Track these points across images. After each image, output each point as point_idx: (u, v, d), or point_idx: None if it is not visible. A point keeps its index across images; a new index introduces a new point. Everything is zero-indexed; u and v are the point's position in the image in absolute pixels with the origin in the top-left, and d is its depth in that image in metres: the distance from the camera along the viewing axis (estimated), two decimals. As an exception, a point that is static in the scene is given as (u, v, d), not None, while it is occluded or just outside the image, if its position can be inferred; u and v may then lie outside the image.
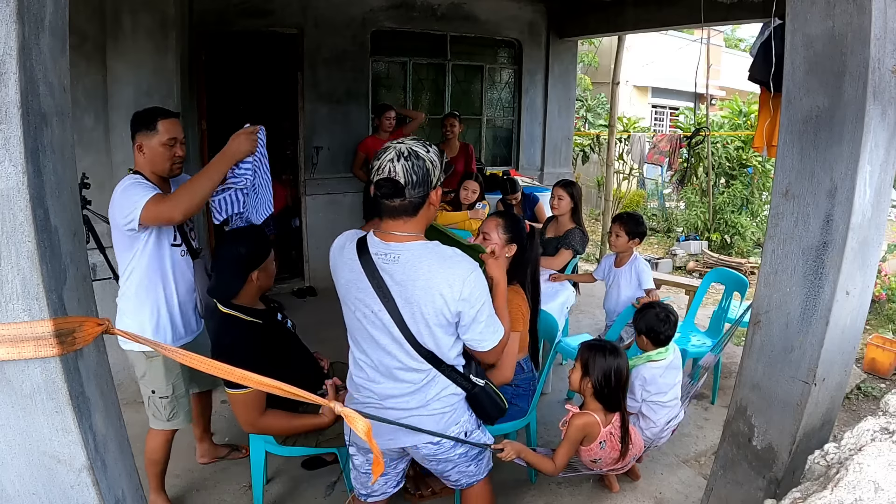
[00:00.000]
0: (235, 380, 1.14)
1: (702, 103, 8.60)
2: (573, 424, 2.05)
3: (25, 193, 0.85)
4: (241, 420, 2.01)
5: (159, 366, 2.12)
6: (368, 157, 4.83)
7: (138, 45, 2.89)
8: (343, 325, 1.72)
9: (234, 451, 2.72)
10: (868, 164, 1.42)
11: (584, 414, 2.06)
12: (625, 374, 2.07)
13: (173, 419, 2.19)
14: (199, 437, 2.66)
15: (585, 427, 2.04)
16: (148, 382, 2.15)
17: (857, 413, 3.44)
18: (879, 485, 1.02)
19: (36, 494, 0.96)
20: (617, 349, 2.07)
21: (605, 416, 2.08)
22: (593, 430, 2.05)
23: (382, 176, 1.48)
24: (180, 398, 2.19)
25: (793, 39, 1.53)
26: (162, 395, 2.14)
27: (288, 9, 4.71)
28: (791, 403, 1.59)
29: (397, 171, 1.47)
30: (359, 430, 1.14)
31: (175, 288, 2.14)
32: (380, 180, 1.49)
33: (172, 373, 2.15)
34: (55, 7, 0.92)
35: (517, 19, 5.78)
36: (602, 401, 2.07)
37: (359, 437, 1.52)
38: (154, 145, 2.05)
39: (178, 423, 2.21)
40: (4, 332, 0.87)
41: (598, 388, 2.05)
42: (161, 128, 2.05)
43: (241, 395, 1.94)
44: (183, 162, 2.14)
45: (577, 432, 2.05)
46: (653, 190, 10.15)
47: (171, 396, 2.15)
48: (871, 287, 1.63)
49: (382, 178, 1.48)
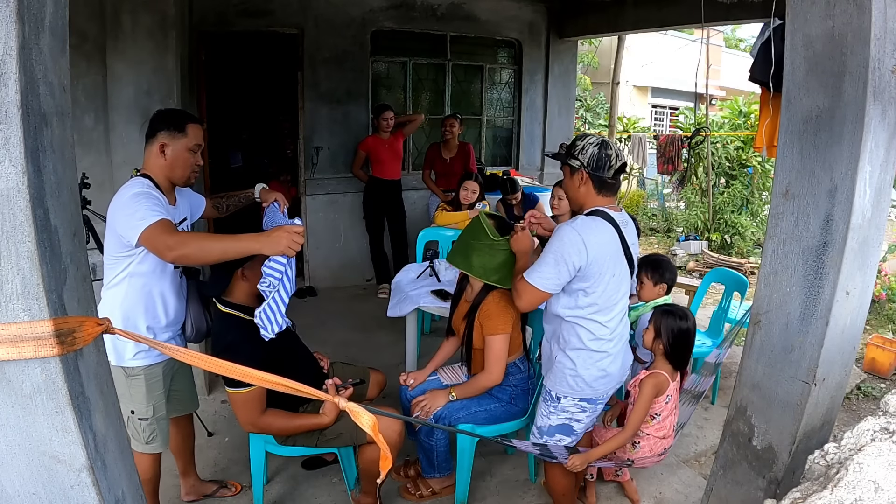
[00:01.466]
0: (237, 377, 1.13)
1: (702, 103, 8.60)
2: (647, 384, 2.11)
3: (25, 193, 0.85)
4: (242, 419, 2.00)
5: (140, 385, 1.95)
6: (369, 156, 4.84)
7: (138, 44, 2.89)
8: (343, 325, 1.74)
9: (223, 489, 2.48)
10: (868, 164, 1.42)
11: (655, 373, 2.15)
12: (692, 336, 2.21)
13: (152, 442, 2.02)
14: (183, 472, 2.40)
15: (658, 385, 2.13)
16: (127, 402, 1.94)
17: (857, 413, 3.44)
18: (879, 485, 1.02)
19: (36, 494, 0.96)
20: (686, 313, 2.21)
21: (671, 373, 2.19)
22: (664, 385, 2.15)
23: (623, 161, 1.89)
24: (160, 421, 2.03)
25: (793, 39, 1.53)
26: (142, 417, 1.97)
27: (288, 9, 4.71)
28: (791, 403, 1.60)
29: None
30: (364, 424, 1.14)
31: (163, 308, 1.96)
32: (624, 163, 1.90)
33: (154, 393, 1.99)
34: (55, 7, 0.92)
35: (517, 19, 5.78)
36: (672, 359, 2.19)
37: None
38: (180, 149, 1.91)
39: (156, 448, 2.04)
40: (4, 332, 0.87)
41: (668, 348, 2.17)
42: (190, 132, 1.92)
43: (241, 394, 1.93)
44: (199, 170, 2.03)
45: (652, 389, 2.11)
46: (653, 190, 10.16)
47: (152, 418, 1.99)
48: (871, 287, 1.63)
49: (624, 162, 1.90)
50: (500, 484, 2.60)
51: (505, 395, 2.32)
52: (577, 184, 1.90)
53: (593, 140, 1.88)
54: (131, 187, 1.81)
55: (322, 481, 2.56)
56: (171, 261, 1.77)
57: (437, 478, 2.44)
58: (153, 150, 1.90)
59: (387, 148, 4.79)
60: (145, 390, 1.96)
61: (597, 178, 1.87)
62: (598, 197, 1.89)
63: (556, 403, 1.99)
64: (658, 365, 2.20)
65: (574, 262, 1.79)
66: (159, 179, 1.91)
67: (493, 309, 2.19)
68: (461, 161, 4.94)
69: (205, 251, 1.72)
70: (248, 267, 1.96)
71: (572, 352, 1.92)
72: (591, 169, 1.85)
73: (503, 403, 2.32)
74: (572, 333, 1.92)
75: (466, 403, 2.28)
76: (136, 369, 1.93)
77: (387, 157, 4.80)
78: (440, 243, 3.98)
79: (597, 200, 1.89)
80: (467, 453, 2.29)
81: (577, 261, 1.79)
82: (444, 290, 2.99)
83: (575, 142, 1.91)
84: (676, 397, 2.23)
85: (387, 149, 4.79)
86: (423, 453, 2.41)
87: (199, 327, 2.09)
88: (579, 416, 1.99)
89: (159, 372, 1.99)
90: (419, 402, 2.29)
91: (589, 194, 1.90)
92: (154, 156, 1.90)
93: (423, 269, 3.36)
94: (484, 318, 2.20)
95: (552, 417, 2.00)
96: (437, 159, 4.95)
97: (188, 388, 2.24)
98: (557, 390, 1.98)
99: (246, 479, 2.46)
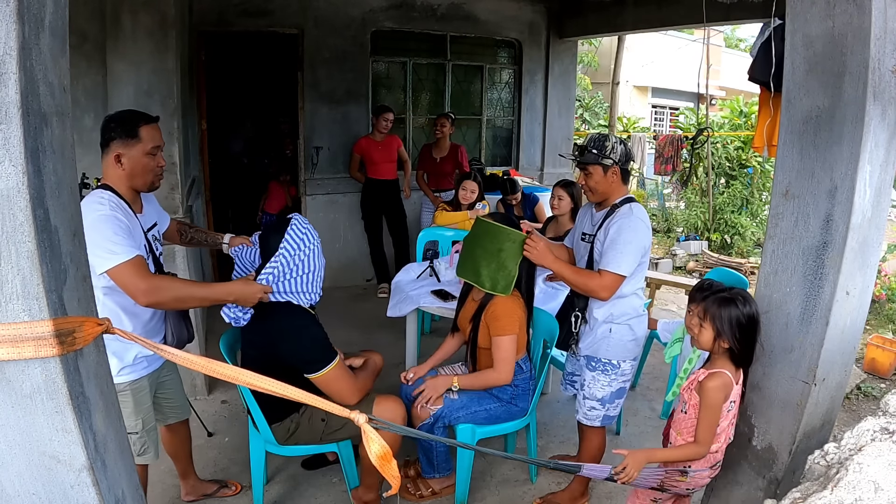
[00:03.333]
0: (228, 379, 1.11)
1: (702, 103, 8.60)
2: (710, 388, 1.67)
3: (25, 193, 0.85)
4: (346, 394, 1.98)
5: (128, 400, 1.88)
6: (363, 158, 4.83)
7: (138, 45, 2.89)
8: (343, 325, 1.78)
9: (223, 489, 2.47)
10: (868, 164, 1.42)
11: (719, 373, 1.69)
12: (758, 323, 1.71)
13: (144, 454, 1.98)
14: (182, 474, 2.39)
15: (724, 387, 1.68)
16: None
17: (857, 413, 3.44)
18: (879, 485, 1.02)
19: (36, 494, 0.96)
20: (747, 297, 1.70)
21: (734, 373, 1.72)
22: (729, 388, 1.70)
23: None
24: (150, 432, 1.99)
25: (793, 39, 1.53)
26: (131, 431, 1.90)
27: (288, 9, 4.71)
28: (791, 403, 1.60)
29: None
30: (372, 452, 1.09)
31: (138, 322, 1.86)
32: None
33: (142, 406, 1.94)
34: (55, 7, 0.92)
35: (517, 19, 5.78)
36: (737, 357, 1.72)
37: None
38: (136, 156, 1.77)
39: (148, 459, 2.00)
40: (4, 332, 0.87)
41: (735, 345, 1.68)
42: (144, 135, 1.78)
43: (331, 372, 1.95)
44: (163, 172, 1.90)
45: (719, 394, 1.67)
46: (653, 190, 10.16)
47: (141, 431, 1.94)
48: (871, 287, 1.63)
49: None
50: (500, 484, 2.60)
51: (506, 395, 2.32)
52: (610, 179, 2.16)
53: (614, 139, 2.17)
54: (94, 207, 1.69)
55: (322, 481, 2.56)
56: (144, 305, 1.70)
57: (437, 478, 2.44)
58: (109, 160, 1.78)
59: (380, 149, 4.78)
60: (133, 405, 1.90)
61: (624, 171, 2.17)
62: (623, 186, 2.20)
63: (616, 370, 2.22)
64: (719, 363, 1.73)
65: (645, 244, 2.14)
66: (121, 189, 1.80)
67: (500, 310, 2.20)
68: (452, 161, 4.94)
69: (181, 302, 1.74)
70: None
71: (632, 320, 2.20)
72: (621, 164, 2.15)
73: (503, 403, 2.32)
74: (628, 305, 2.20)
75: (466, 403, 2.28)
76: (123, 385, 1.86)
77: (379, 158, 4.79)
78: (440, 243, 3.98)
79: (622, 189, 2.20)
80: (467, 453, 2.29)
81: (646, 242, 2.15)
82: (444, 290, 2.99)
83: (603, 142, 2.15)
84: (739, 403, 1.77)
85: (380, 150, 4.78)
86: (423, 453, 2.41)
87: (179, 336, 2.02)
88: (629, 374, 2.27)
89: (145, 384, 1.95)
90: (419, 393, 2.29)
91: (619, 186, 2.18)
92: (111, 166, 1.78)
93: (423, 269, 3.36)
94: (491, 318, 2.21)
95: (613, 384, 2.24)
96: (429, 159, 4.96)
97: (178, 395, 2.20)
98: (618, 358, 2.22)
99: (246, 479, 2.46)
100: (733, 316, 1.66)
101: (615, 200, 2.18)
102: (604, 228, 2.16)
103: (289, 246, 1.94)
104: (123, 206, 1.78)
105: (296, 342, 1.96)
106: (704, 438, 1.70)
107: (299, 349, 1.96)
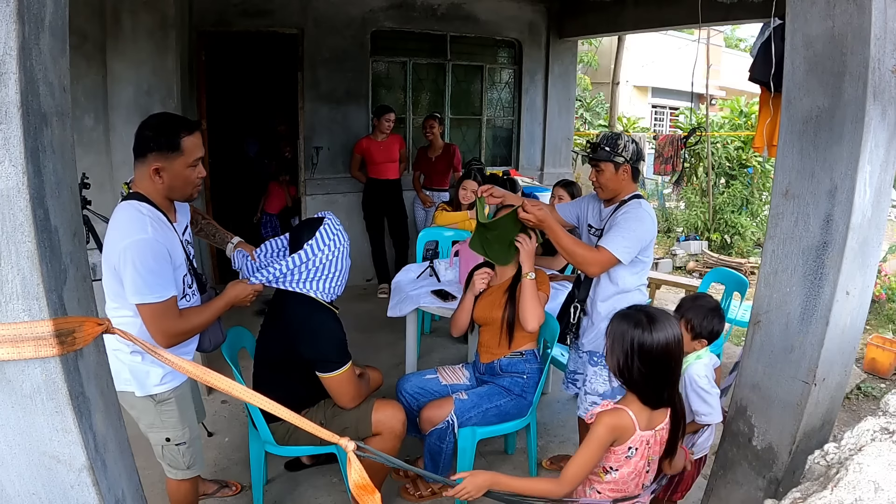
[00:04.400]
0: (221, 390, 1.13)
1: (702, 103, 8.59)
2: (598, 422, 1.46)
3: (25, 193, 0.85)
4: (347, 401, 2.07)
5: (173, 408, 1.79)
6: (364, 158, 4.84)
7: (138, 45, 2.89)
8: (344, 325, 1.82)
9: (223, 489, 2.45)
10: (868, 164, 1.42)
11: (616, 410, 1.47)
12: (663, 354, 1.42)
13: (193, 466, 1.88)
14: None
15: (617, 429, 1.45)
16: (159, 430, 1.80)
17: (857, 413, 3.44)
18: (879, 485, 1.02)
19: (36, 494, 0.96)
20: (663, 321, 1.43)
21: (649, 417, 1.48)
22: (625, 431, 1.46)
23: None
24: (196, 441, 1.89)
25: (793, 39, 1.53)
26: (179, 442, 1.81)
27: (288, 9, 4.71)
28: (791, 403, 1.59)
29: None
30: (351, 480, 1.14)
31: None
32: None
33: (186, 413, 1.83)
34: (55, 7, 0.92)
35: (517, 19, 5.78)
36: (636, 392, 1.48)
37: None
38: (178, 170, 1.66)
39: (197, 470, 1.92)
40: (4, 332, 0.87)
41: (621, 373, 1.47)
42: (186, 146, 1.65)
43: (344, 374, 2.00)
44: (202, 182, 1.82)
45: (605, 432, 1.44)
46: (653, 190, 10.16)
47: (189, 440, 1.84)
48: (871, 287, 1.63)
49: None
50: (500, 484, 2.59)
51: (517, 388, 2.34)
52: (620, 177, 2.20)
53: (626, 138, 2.22)
54: (136, 224, 1.60)
55: (322, 481, 2.55)
56: (161, 345, 1.61)
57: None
58: (146, 172, 1.65)
59: (381, 150, 4.78)
60: (178, 414, 1.80)
61: (634, 169, 2.22)
62: (633, 184, 2.25)
63: None
64: (628, 398, 1.50)
65: (648, 236, 2.17)
66: (157, 200, 1.70)
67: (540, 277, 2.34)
68: (445, 161, 4.97)
69: (191, 334, 1.77)
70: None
71: None
72: (632, 162, 2.19)
73: (514, 397, 2.33)
74: (631, 301, 2.14)
75: (477, 402, 2.29)
76: (166, 394, 1.77)
77: (381, 158, 4.80)
78: (440, 243, 3.98)
79: (631, 187, 2.25)
80: (467, 453, 2.29)
81: (650, 234, 2.17)
82: (444, 290, 2.99)
83: (616, 140, 2.20)
84: (648, 453, 1.51)
85: (381, 150, 4.78)
86: (430, 456, 2.35)
87: (215, 340, 1.98)
88: None
89: (187, 390, 1.86)
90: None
91: (629, 183, 2.23)
92: (147, 179, 1.66)
93: (423, 269, 3.36)
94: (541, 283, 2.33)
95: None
96: (424, 160, 4.99)
97: (197, 397, 2.16)
98: None
99: (246, 479, 2.46)
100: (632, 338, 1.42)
101: (624, 197, 2.23)
102: (611, 220, 2.20)
103: (315, 245, 1.99)
104: (161, 219, 1.69)
105: (314, 338, 2.00)
106: (568, 477, 1.45)
107: (318, 345, 2.00)
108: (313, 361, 2.01)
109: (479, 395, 2.31)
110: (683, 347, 1.49)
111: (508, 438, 2.74)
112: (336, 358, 2.01)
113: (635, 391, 1.48)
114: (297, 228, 2.10)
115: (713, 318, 1.91)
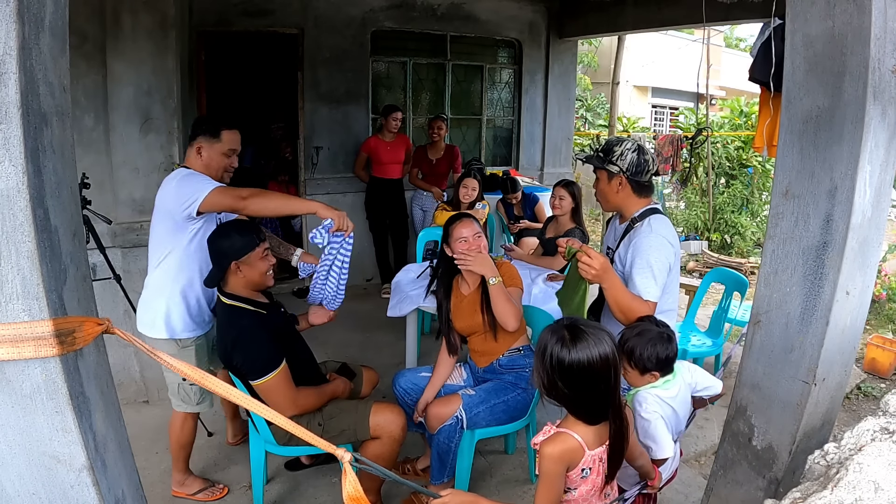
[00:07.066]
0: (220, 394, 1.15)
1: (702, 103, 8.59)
2: (545, 455, 1.35)
3: (25, 193, 0.85)
4: (281, 404, 1.97)
5: (191, 355, 2.19)
6: (371, 157, 4.83)
7: (138, 45, 2.89)
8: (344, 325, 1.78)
9: (210, 488, 2.45)
10: (868, 164, 1.42)
11: (558, 436, 1.37)
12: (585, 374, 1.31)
13: (202, 402, 2.29)
14: (231, 417, 2.75)
15: (564, 455, 1.36)
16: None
17: (857, 413, 3.44)
18: (879, 485, 1.02)
19: (36, 494, 0.96)
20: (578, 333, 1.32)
21: (596, 433, 1.38)
22: (574, 455, 1.36)
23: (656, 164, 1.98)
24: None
25: (793, 39, 1.53)
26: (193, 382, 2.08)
27: (288, 9, 4.71)
28: (791, 403, 1.59)
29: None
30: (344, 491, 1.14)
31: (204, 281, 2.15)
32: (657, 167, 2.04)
33: (203, 360, 2.24)
34: (55, 7, 0.92)
35: (517, 19, 5.78)
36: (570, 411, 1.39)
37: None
38: (214, 153, 2.14)
39: (205, 406, 2.31)
40: (4, 332, 0.87)
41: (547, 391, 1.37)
42: (225, 138, 2.15)
43: (271, 379, 1.97)
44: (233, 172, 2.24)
45: (554, 465, 1.35)
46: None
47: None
48: (871, 287, 1.63)
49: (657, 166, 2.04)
50: (500, 484, 2.60)
51: (523, 381, 2.34)
52: (614, 188, 1.97)
53: (630, 146, 1.94)
54: (177, 174, 2.07)
55: (322, 481, 2.55)
56: (244, 208, 2.02)
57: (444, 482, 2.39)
58: (192, 150, 2.15)
59: (389, 150, 4.78)
60: (195, 360, 2.21)
61: (635, 182, 1.95)
62: (640, 199, 1.98)
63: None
64: (568, 421, 1.39)
65: (667, 264, 1.89)
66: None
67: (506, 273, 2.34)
68: (447, 163, 4.96)
69: (265, 207, 2.08)
70: (242, 262, 2.01)
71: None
72: (630, 174, 1.93)
73: (521, 391, 2.33)
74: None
75: (485, 397, 2.28)
76: (188, 341, 2.20)
77: (388, 158, 4.79)
78: (440, 243, 3.97)
79: (639, 202, 1.99)
80: (467, 453, 2.29)
81: (667, 260, 1.88)
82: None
83: (612, 147, 1.96)
84: (603, 469, 1.42)
85: (388, 151, 4.78)
86: (438, 455, 2.29)
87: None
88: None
89: (204, 341, 2.27)
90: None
91: (629, 198, 1.98)
92: (193, 155, 2.15)
93: (423, 269, 3.36)
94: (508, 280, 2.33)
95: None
96: (424, 160, 4.96)
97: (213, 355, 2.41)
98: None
99: (246, 479, 2.46)
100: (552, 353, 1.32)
101: (633, 213, 1.98)
102: (623, 246, 1.99)
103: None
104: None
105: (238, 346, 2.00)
106: None
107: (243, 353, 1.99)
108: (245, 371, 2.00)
109: (486, 390, 2.31)
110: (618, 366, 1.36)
111: (508, 438, 2.75)
112: (259, 367, 1.97)
113: (569, 410, 1.39)
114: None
115: (657, 345, 1.71)
